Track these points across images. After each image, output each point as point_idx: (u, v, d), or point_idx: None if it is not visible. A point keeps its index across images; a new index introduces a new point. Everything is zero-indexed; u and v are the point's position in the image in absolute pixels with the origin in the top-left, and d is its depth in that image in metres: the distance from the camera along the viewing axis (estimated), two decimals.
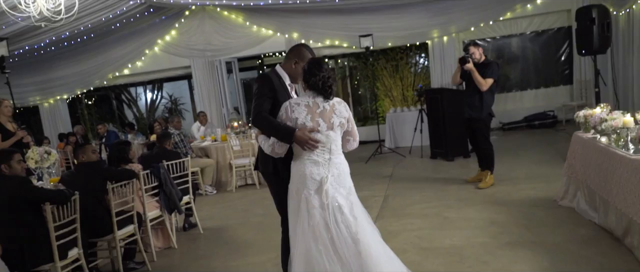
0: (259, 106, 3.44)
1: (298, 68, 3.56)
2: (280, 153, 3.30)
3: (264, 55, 13.27)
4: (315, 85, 3.25)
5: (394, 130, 10.63)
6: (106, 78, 12.53)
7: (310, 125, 3.20)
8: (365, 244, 3.20)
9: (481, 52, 6.36)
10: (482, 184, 6.33)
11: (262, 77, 3.63)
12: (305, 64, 3.41)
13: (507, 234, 4.55)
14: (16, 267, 3.75)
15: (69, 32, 10.18)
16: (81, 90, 13.00)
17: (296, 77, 3.64)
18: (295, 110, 3.23)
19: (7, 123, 6.34)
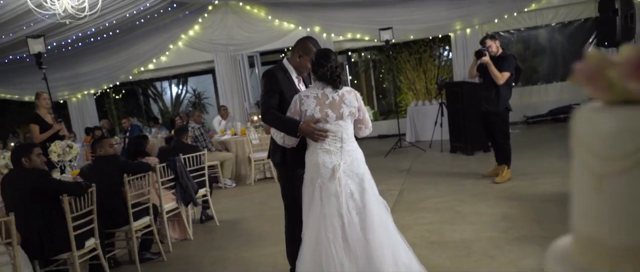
0: (266, 103, 3.56)
1: (302, 61, 3.67)
2: (291, 144, 3.42)
3: (287, 49, 13.35)
4: (324, 76, 3.32)
5: (415, 124, 10.59)
6: (131, 73, 12.78)
7: (319, 116, 3.27)
8: (373, 232, 3.27)
9: (498, 45, 6.30)
10: (498, 178, 6.28)
11: (267, 74, 3.72)
12: (313, 55, 3.47)
13: (517, 229, 4.53)
14: (35, 256, 3.91)
15: (95, 29, 10.42)
16: (107, 85, 13.30)
17: (301, 70, 3.75)
18: (304, 102, 3.32)
19: (46, 115, 6.59)
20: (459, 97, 8.43)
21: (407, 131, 10.61)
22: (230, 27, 12.12)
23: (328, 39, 11.87)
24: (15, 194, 3.94)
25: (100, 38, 11.52)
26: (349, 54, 14.52)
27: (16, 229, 3.81)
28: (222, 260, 4.76)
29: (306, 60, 3.65)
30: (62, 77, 12.98)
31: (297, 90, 3.74)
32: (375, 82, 15.11)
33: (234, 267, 4.53)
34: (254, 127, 8.62)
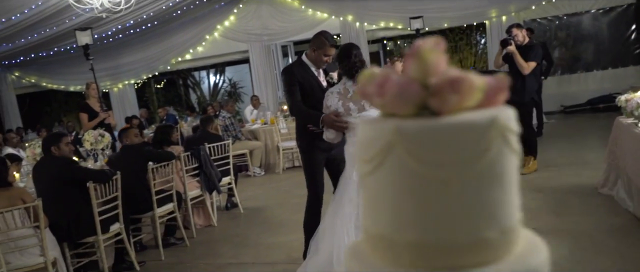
0: (291, 99, 3.88)
1: (317, 55, 3.85)
2: (332, 138, 3.58)
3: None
4: (346, 72, 3.50)
5: None
6: (169, 63, 13.12)
7: (341, 110, 3.45)
8: None
9: (524, 34, 6.20)
10: (524, 169, 6.19)
11: (284, 71, 4.03)
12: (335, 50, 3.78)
13: (534, 221, 4.48)
14: (63, 239, 4.16)
15: (133, 21, 10.74)
16: (147, 75, 13.70)
17: (318, 63, 3.92)
18: (329, 98, 3.51)
19: (95, 104, 6.90)
20: None
21: None
22: (264, 17, 12.26)
23: (361, 27, 11.87)
24: (45, 180, 4.18)
25: (139, 30, 11.87)
26: (384, 42, 14.48)
27: (45, 213, 4.06)
28: (241, 246, 4.91)
29: (320, 54, 3.83)
30: (104, 68, 13.43)
31: (319, 83, 3.92)
32: None
33: (252, 252, 4.67)
34: (283, 116, 8.74)
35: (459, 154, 0.67)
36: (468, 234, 0.69)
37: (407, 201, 0.70)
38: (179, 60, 13.16)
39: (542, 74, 8.60)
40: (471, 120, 0.69)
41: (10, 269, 3.68)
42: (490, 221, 0.70)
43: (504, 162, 0.70)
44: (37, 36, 10.20)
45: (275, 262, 4.34)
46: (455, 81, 0.69)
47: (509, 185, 0.71)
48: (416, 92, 0.70)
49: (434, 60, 0.72)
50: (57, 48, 11.66)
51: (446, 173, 0.67)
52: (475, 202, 0.69)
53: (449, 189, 0.68)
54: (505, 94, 0.78)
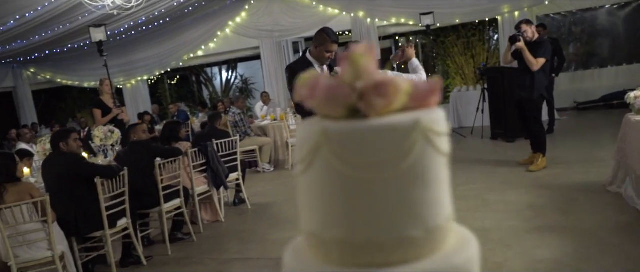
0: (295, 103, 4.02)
1: (319, 51, 3.90)
2: None
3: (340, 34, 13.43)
4: None
5: (457, 110, 10.45)
6: (181, 59, 13.22)
7: None
8: None
9: (534, 30, 6.14)
10: (533, 167, 6.15)
11: (287, 69, 4.11)
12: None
13: (540, 219, 4.47)
14: (71, 233, 4.22)
15: (145, 18, 10.82)
16: (159, 71, 13.81)
17: (321, 60, 3.95)
18: None
19: (108, 101, 6.97)
20: (499, 83, 8.26)
21: (449, 117, 10.48)
22: (275, 14, 12.29)
23: (372, 24, 11.85)
24: (53, 176, 4.25)
25: (151, 26, 11.96)
26: (396, 38, 14.42)
27: (53, 208, 4.13)
28: (248, 242, 4.95)
29: (322, 51, 3.88)
30: (118, 64, 13.57)
31: None
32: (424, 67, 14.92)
33: (258, 248, 4.71)
34: (293, 113, 8.76)
35: (382, 155, 0.68)
36: (392, 232, 0.70)
37: (334, 200, 0.72)
38: (191, 56, 13.25)
39: (554, 71, 8.52)
40: (394, 123, 0.70)
41: (18, 263, 3.75)
42: (415, 220, 0.71)
43: (428, 163, 0.71)
44: (51, 33, 10.33)
45: (281, 257, 4.35)
46: (380, 85, 0.70)
47: (435, 185, 0.72)
48: (344, 95, 0.71)
49: (364, 65, 0.73)
50: (71, 45, 11.80)
51: (370, 173, 0.69)
52: (399, 201, 0.70)
53: (373, 189, 0.69)
54: (437, 97, 0.78)
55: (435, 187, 0.73)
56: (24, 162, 5.35)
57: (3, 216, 3.63)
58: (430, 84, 0.76)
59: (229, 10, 12.49)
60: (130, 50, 13.17)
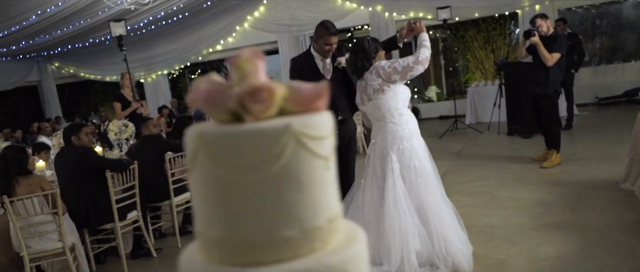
0: None
1: (319, 45, 3.97)
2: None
3: (354, 29, 13.38)
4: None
5: (475, 105, 10.36)
6: (201, 54, 13.36)
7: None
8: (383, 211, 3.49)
9: (549, 25, 6.04)
10: (546, 163, 6.08)
11: (290, 62, 4.26)
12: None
13: (548, 216, 4.42)
14: (82, 225, 4.33)
15: (164, 12, 10.96)
16: (179, 66, 14.00)
17: (322, 53, 3.99)
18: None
19: (128, 94, 7.08)
20: (516, 78, 8.15)
21: (466, 112, 10.40)
22: (293, 8, 12.32)
23: (390, 18, 11.79)
24: (65, 169, 4.36)
25: (170, 21, 12.10)
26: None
27: (64, 200, 4.24)
28: None
29: (322, 44, 3.92)
30: (138, 59, 13.78)
31: (321, 74, 3.99)
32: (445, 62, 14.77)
33: None
34: None
35: (253, 159, 0.71)
36: (267, 232, 0.72)
37: (212, 201, 0.75)
38: (210, 51, 13.38)
39: (573, 66, 8.38)
40: (263, 128, 0.72)
41: (30, 253, 3.87)
42: (290, 221, 0.73)
43: (301, 166, 0.73)
44: (72, 28, 10.54)
45: None
46: (256, 91, 0.72)
47: (311, 187, 0.74)
48: (221, 100, 0.73)
49: (248, 70, 0.75)
50: (92, 39, 12.01)
51: (242, 176, 0.71)
52: (272, 203, 0.73)
53: (246, 191, 0.71)
54: (324, 101, 0.80)
55: (312, 189, 0.74)
56: (41, 155, 5.51)
57: (15, 207, 3.74)
58: (316, 88, 0.77)
59: (247, 4, 12.56)
60: (151, 44, 13.36)
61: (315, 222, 0.73)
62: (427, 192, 3.50)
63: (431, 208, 3.48)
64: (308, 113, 0.76)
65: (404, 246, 3.40)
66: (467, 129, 9.42)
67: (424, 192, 3.50)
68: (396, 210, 3.49)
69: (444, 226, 3.45)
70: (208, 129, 0.75)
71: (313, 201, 0.73)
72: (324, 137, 0.76)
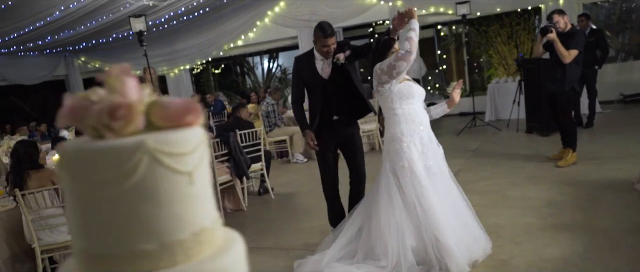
0: (292, 95, 4.33)
1: (318, 47, 3.99)
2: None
3: (375, 24, 13.32)
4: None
5: (495, 102, 10.22)
6: (222, 49, 13.48)
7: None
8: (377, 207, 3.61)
9: (566, 21, 5.93)
10: (561, 162, 5.98)
11: (294, 60, 4.31)
12: None
13: (557, 216, 4.35)
14: None
15: (185, 8, 11.08)
16: (200, 61, 14.15)
17: (322, 54, 4.00)
18: None
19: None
20: (535, 74, 8.01)
21: (486, 109, 10.27)
22: (313, 3, 12.31)
23: None
24: None
25: (191, 16, 12.22)
26: (437, 27, 14.17)
27: None
28: (264, 231, 5.06)
29: (319, 46, 3.96)
30: (161, 54, 13.99)
31: (318, 74, 4.03)
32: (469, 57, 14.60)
33: (272, 238, 4.80)
34: None
35: (107, 174, 0.73)
36: (125, 246, 0.75)
37: (75, 213, 0.78)
38: (231, 46, 13.49)
39: (596, 62, 8.21)
40: (116, 145, 0.75)
41: (41, 245, 3.98)
42: (147, 235, 0.75)
43: (158, 181, 0.75)
44: (95, 23, 10.74)
45: (292, 248, 4.44)
46: (113, 108, 0.74)
47: (169, 202, 0.75)
48: (83, 116, 0.76)
49: (116, 87, 0.77)
50: (115, 34, 12.22)
51: (99, 191, 0.74)
52: (128, 217, 0.75)
53: (104, 206, 0.74)
54: (195, 116, 0.81)
55: (171, 204, 0.76)
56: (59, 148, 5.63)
57: (26, 200, 3.86)
58: (186, 103, 0.79)
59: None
60: (173, 39, 13.53)
61: (177, 236, 0.76)
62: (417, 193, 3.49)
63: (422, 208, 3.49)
64: (177, 128, 0.79)
65: (400, 243, 3.42)
66: (485, 126, 9.31)
67: (412, 192, 3.49)
68: (391, 206, 3.53)
69: (436, 226, 3.43)
70: (69, 144, 0.79)
71: (173, 216, 0.76)
72: (186, 153, 0.77)
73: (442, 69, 14.41)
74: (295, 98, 4.25)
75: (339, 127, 4.16)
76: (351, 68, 4.06)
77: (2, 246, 4.01)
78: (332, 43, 3.93)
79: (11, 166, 4.03)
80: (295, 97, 4.24)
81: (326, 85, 4.07)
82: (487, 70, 12.78)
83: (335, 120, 4.14)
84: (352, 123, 4.23)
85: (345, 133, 4.18)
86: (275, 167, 8.23)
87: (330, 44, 3.92)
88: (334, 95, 4.06)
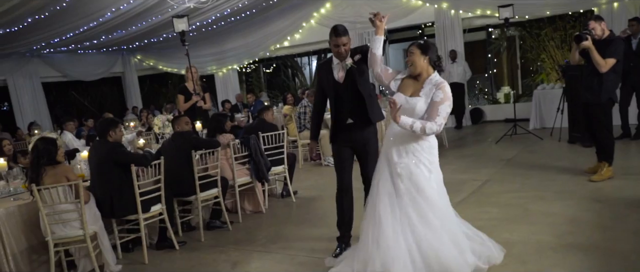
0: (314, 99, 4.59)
1: (332, 48, 4.07)
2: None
3: (424, 25, 13.09)
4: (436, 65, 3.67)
5: (540, 109, 9.81)
6: (268, 49, 13.65)
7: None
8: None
9: (604, 27, 5.60)
10: (595, 176, 5.67)
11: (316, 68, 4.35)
12: None
13: (574, 235, 4.13)
14: (106, 215, 4.60)
15: (230, 9, 11.29)
16: (247, 61, 14.42)
17: (337, 56, 4.11)
18: None
19: (191, 87, 7.25)
20: (578, 82, 7.61)
21: (531, 116, 9.88)
22: (359, 5, 12.25)
23: (456, 15, 11.44)
24: (95, 161, 4.63)
25: (239, 17, 12.44)
26: (489, 30, 13.76)
27: (93, 190, 4.54)
28: (275, 235, 5.06)
29: (332, 46, 4.07)
30: (210, 53, 14.36)
31: (334, 78, 4.10)
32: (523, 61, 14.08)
33: (281, 242, 4.80)
34: None
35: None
36: None
37: None
38: (277, 46, 13.64)
39: None
40: None
41: (54, 239, 4.17)
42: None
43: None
44: (146, 24, 11.13)
45: (297, 254, 4.44)
46: None
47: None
48: None
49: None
50: (165, 35, 12.61)
51: None
52: None
53: None
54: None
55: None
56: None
57: (42, 195, 4.04)
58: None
59: (314, 1, 12.66)
60: (223, 39, 13.86)
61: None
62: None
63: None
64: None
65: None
66: (526, 135, 8.95)
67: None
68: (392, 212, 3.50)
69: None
70: None
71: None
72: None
73: (491, 72, 13.97)
74: (315, 103, 4.46)
75: (354, 131, 4.14)
76: (359, 72, 4.03)
77: (20, 238, 4.22)
78: (342, 43, 3.99)
79: (30, 161, 4.23)
80: (316, 103, 4.45)
81: (340, 89, 4.13)
82: (539, 75, 12.27)
83: (350, 124, 4.13)
84: (367, 127, 4.17)
85: (359, 137, 4.14)
86: (306, 170, 8.27)
87: (341, 44, 3.98)
88: (347, 99, 4.10)
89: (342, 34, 3.98)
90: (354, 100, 4.09)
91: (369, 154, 4.21)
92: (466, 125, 11.54)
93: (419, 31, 14.19)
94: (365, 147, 4.19)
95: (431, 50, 3.58)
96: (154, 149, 5.86)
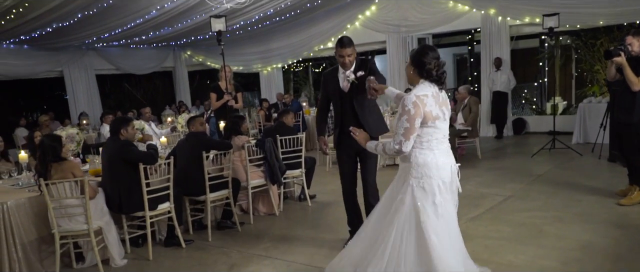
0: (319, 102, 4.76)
1: (336, 56, 4.25)
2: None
3: (475, 31, 12.75)
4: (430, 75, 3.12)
5: (585, 123, 9.35)
6: (312, 50, 13.68)
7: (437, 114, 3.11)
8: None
9: None
10: (624, 200, 5.35)
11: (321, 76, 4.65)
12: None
13: (582, 263, 3.90)
14: (115, 211, 4.74)
15: (273, 10, 11.38)
16: (291, 60, 14.52)
17: (341, 65, 4.24)
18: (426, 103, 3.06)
19: (224, 86, 7.40)
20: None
21: (575, 130, 9.43)
22: (404, 8, 12.10)
23: (503, 22, 11.07)
24: (106, 158, 4.78)
25: (283, 18, 12.53)
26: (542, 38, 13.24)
27: (103, 187, 4.69)
28: (279, 239, 5.06)
29: (337, 56, 4.23)
30: (257, 51, 14.55)
31: (339, 87, 4.31)
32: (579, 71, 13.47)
33: (283, 247, 4.79)
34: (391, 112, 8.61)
35: None
36: None
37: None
38: (321, 47, 13.65)
39: None
40: None
41: (60, 231, 4.33)
42: None
43: None
44: (190, 21, 11.40)
45: (295, 261, 4.42)
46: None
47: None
48: None
49: None
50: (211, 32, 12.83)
51: None
52: None
53: None
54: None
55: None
56: None
57: (49, 189, 4.21)
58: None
59: (360, 3, 12.60)
60: (268, 39, 14.02)
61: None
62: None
63: None
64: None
65: None
66: (567, 150, 8.53)
67: None
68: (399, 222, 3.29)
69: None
70: None
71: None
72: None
73: (541, 81, 13.44)
74: (320, 106, 4.68)
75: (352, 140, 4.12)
76: (361, 88, 4.06)
77: (30, 228, 4.42)
78: (347, 54, 4.13)
79: (38, 156, 4.42)
80: (320, 105, 4.67)
81: (344, 99, 4.32)
82: (591, 87, 11.70)
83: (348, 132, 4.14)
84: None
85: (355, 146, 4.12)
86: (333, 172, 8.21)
87: (346, 55, 4.13)
88: (350, 109, 4.29)
89: (347, 45, 4.12)
90: (356, 110, 4.26)
91: (369, 158, 4.38)
92: (507, 135, 11.14)
93: (468, 36, 13.84)
94: (365, 151, 4.15)
95: (421, 60, 3.08)
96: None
